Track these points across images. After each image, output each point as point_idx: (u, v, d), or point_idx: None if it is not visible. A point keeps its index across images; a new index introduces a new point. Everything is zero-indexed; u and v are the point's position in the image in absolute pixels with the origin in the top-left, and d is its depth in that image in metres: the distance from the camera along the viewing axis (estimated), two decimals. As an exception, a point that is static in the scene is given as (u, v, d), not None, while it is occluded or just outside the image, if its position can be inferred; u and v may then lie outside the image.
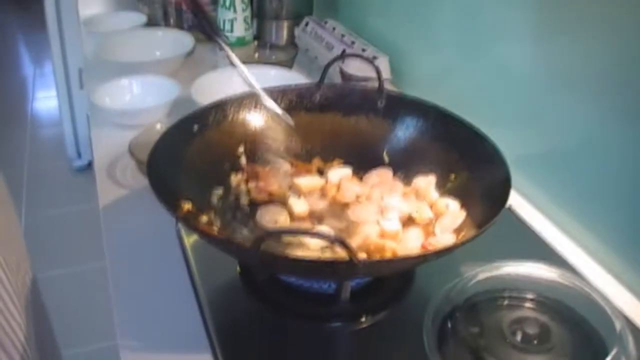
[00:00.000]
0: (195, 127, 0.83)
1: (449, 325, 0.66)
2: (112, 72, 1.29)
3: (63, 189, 2.66)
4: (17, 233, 0.88)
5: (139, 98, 1.23)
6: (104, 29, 1.58)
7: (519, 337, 0.64)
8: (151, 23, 1.61)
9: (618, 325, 0.64)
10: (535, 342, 0.64)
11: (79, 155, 2.74)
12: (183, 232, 0.84)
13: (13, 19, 4.47)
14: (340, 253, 0.57)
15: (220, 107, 0.87)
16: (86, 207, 2.38)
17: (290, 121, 0.88)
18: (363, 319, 0.71)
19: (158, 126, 1.03)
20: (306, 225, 0.79)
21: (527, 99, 0.96)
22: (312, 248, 0.71)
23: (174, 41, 1.46)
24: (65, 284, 2.09)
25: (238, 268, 0.77)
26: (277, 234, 0.59)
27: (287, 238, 0.72)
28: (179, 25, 1.60)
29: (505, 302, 0.70)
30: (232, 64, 0.92)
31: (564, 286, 0.70)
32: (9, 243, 0.81)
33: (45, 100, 3.45)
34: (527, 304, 0.69)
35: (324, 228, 0.76)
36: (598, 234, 0.85)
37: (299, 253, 0.69)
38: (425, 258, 0.64)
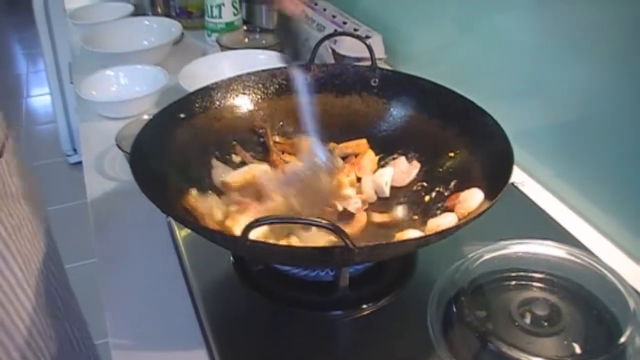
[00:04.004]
0: (182, 115, 0.80)
1: (454, 309, 0.63)
2: (99, 63, 1.26)
3: (60, 185, 2.64)
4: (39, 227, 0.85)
5: (127, 89, 1.20)
6: (90, 20, 1.54)
7: (528, 320, 0.61)
8: (138, 12, 1.57)
9: (632, 303, 0.61)
10: (546, 324, 0.61)
11: (74, 150, 2.72)
12: (174, 223, 0.81)
13: (6, 18, 4.43)
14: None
15: (206, 93, 0.83)
16: (84, 202, 2.36)
17: (334, 164, 0.78)
18: (364, 307, 0.68)
19: (145, 117, 1.00)
20: None
21: (528, 70, 0.92)
22: None
23: (161, 29, 1.43)
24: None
25: (232, 258, 0.74)
26: (266, 222, 0.56)
27: None
28: (167, 13, 1.56)
29: (513, 283, 0.66)
30: None
31: (574, 263, 0.67)
32: (34, 238, 0.80)
33: (40, 97, 3.43)
34: (536, 284, 0.66)
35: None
36: (607, 209, 0.82)
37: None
38: (426, 241, 0.61)
